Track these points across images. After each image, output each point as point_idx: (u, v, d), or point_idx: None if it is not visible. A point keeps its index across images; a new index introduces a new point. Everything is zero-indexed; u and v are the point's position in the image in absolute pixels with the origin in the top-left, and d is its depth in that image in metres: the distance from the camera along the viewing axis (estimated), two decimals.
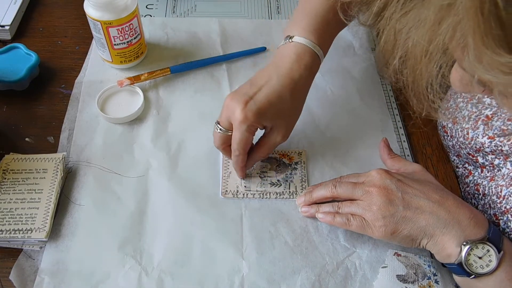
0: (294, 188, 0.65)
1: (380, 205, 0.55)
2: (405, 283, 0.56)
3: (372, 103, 0.75)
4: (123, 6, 0.69)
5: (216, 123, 0.61)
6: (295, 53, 0.61)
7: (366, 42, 0.83)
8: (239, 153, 0.60)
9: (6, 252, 0.58)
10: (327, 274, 0.58)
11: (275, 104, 0.59)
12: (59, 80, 0.76)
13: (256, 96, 0.58)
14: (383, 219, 0.54)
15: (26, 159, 0.65)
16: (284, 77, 0.60)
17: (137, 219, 0.61)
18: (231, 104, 0.58)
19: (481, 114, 0.61)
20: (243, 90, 0.59)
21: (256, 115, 0.57)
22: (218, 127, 0.61)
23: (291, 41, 0.62)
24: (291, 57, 0.61)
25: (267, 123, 0.60)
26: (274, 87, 0.59)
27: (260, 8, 0.89)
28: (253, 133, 0.60)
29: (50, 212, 0.60)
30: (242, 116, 0.57)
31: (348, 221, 0.57)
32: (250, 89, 0.59)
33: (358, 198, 0.57)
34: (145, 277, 0.57)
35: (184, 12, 0.87)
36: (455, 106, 0.66)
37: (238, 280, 0.57)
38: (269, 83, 0.59)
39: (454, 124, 0.66)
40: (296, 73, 0.61)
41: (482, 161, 0.63)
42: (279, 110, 0.60)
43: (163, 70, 0.75)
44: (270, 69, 0.61)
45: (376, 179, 0.57)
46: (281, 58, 0.62)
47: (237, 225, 0.61)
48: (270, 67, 0.62)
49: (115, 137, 0.69)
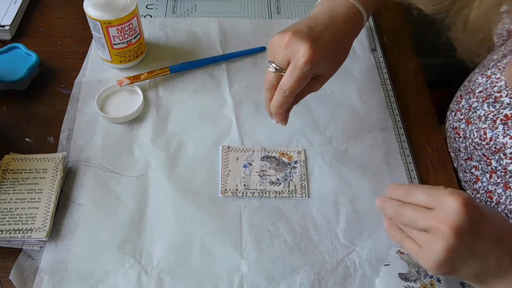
0: (294, 187, 0.65)
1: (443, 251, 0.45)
2: (407, 281, 0.56)
3: (372, 102, 0.75)
4: (123, 6, 0.69)
5: (269, 62, 0.57)
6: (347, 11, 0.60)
7: (366, 42, 0.83)
8: (289, 93, 0.56)
9: (6, 252, 0.58)
10: (326, 273, 0.58)
11: (335, 51, 0.57)
12: (59, 80, 0.76)
13: (320, 37, 0.55)
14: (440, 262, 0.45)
15: (26, 159, 0.65)
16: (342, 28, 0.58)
17: (136, 218, 0.61)
18: (292, 40, 0.54)
19: (499, 114, 0.59)
20: (302, 30, 0.55)
21: (321, 56, 0.54)
22: (273, 66, 0.56)
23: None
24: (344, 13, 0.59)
25: (323, 67, 0.58)
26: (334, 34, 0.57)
27: (260, 8, 0.89)
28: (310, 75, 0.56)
29: (50, 212, 0.60)
30: (309, 54, 0.53)
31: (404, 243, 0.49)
32: (310, 32, 0.55)
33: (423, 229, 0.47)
34: (144, 276, 0.57)
35: (184, 12, 0.88)
36: (468, 107, 0.65)
37: (238, 279, 0.57)
38: (327, 29, 0.57)
39: (468, 125, 0.64)
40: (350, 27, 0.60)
41: (495, 165, 0.60)
42: (335, 58, 0.58)
43: (162, 69, 0.75)
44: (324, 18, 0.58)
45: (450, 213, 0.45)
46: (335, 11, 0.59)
47: (236, 224, 0.61)
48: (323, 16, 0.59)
49: (114, 137, 0.69)
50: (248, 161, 0.67)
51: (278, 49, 0.56)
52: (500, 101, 0.60)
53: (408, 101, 0.76)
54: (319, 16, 0.59)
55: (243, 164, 0.67)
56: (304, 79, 0.55)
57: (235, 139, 0.70)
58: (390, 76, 0.79)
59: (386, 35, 0.86)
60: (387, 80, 0.79)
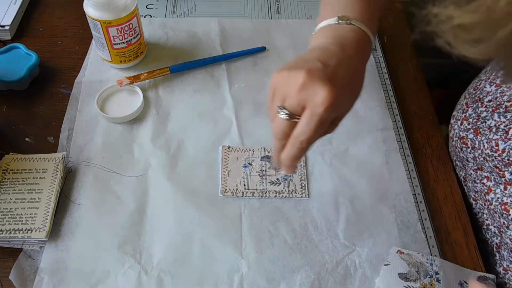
0: (294, 187, 0.65)
1: None
2: (407, 281, 0.56)
3: (372, 102, 0.75)
4: (123, 6, 0.69)
5: (280, 108, 0.48)
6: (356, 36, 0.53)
7: None
8: (306, 144, 0.48)
9: (6, 252, 0.58)
10: (326, 273, 0.58)
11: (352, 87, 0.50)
12: (59, 80, 0.76)
13: (337, 74, 0.48)
14: None
15: (26, 159, 0.65)
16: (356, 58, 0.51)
17: (136, 218, 0.61)
18: (309, 82, 0.46)
19: (511, 124, 0.57)
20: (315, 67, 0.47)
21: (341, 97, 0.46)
22: (284, 112, 0.48)
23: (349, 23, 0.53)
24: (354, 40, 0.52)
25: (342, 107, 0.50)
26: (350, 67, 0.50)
27: (260, 8, 0.89)
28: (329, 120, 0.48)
29: (50, 212, 0.60)
30: (330, 99, 0.45)
31: None
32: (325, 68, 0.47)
33: None
34: (144, 276, 0.57)
35: (184, 12, 0.88)
36: (476, 116, 0.62)
37: (238, 279, 0.57)
38: (342, 63, 0.49)
39: (477, 135, 0.61)
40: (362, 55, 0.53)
41: (509, 177, 0.58)
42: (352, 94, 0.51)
43: (162, 69, 0.75)
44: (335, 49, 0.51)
45: None
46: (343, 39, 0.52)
47: (236, 224, 0.61)
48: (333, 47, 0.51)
49: (114, 137, 0.69)
50: (248, 161, 0.67)
51: (289, 91, 0.47)
52: (511, 111, 0.58)
53: (408, 101, 0.76)
54: (328, 47, 0.51)
55: (243, 164, 0.67)
56: (323, 126, 0.47)
57: (235, 139, 0.70)
58: (390, 76, 0.79)
59: (386, 35, 0.86)
60: (387, 80, 0.79)
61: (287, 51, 0.81)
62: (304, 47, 0.81)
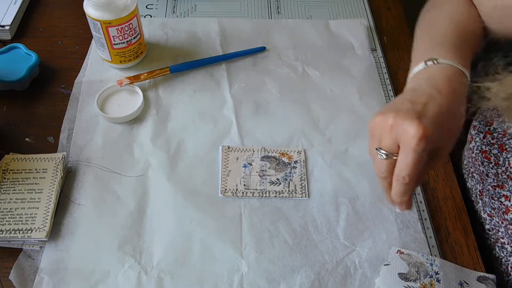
0: (294, 187, 0.65)
1: None
2: (407, 281, 0.56)
3: (372, 103, 0.75)
4: (123, 6, 0.69)
5: (377, 150, 0.51)
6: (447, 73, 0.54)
7: (366, 42, 0.83)
8: (410, 179, 0.49)
9: (6, 252, 0.58)
10: (326, 273, 0.58)
11: (445, 122, 0.50)
12: (59, 80, 0.76)
13: (426, 110, 0.49)
14: None
15: (26, 159, 0.65)
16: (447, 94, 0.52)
17: (136, 218, 0.61)
18: (398, 122, 0.48)
19: None
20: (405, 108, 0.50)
21: (433, 129, 0.48)
22: (382, 153, 0.50)
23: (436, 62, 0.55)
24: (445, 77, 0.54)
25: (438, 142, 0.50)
26: (441, 104, 0.50)
27: (260, 8, 0.89)
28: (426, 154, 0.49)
29: (50, 212, 0.60)
30: (421, 131, 0.47)
31: None
32: (414, 107, 0.50)
33: None
34: (144, 276, 0.57)
35: (184, 12, 0.88)
36: (501, 132, 0.60)
37: (238, 279, 0.57)
38: (432, 100, 0.51)
39: (503, 152, 0.59)
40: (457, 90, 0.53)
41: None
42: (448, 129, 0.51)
43: (162, 69, 0.75)
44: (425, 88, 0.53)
45: None
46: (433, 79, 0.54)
47: (236, 224, 0.61)
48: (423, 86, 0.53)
49: (114, 137, 0.69)
50: (248, 161, 0.67)
51: (383, 133, 0.50)
52: None
53: None
54: (419, 87, 0.53)
55: (243, 164, 0.67)
56: (421, 160, 0.49)
57: (235, 139, 0.70)
58: (390, 76, 0.79)
59: (386, 35, 0.86)
60: (387, 80, 0.79)
61: (287, 51, 0.81)
62: (304, 47, 0.82)
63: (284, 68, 0.79)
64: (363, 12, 0.89)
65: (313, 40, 0.83)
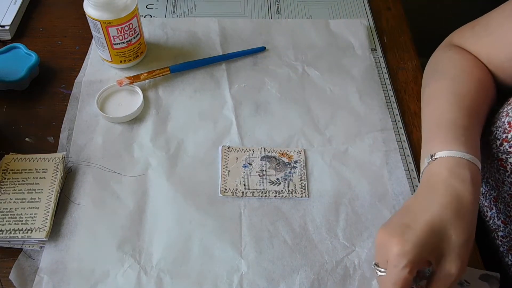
0: (294, 186, 0.65)
1: None
2: None
3: (372, 103, 0.75)
4: (123, 6, 0.69)
5: (374, 266, 0.52)
6: (445, 169, 0.52)
7: (366, 42, 0.83)
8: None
9: (6, 252, 0.58)
10: (326, 273, 0.58)
11: (438, 230, 0.48)
12: (59, 80, 0.76)
13: (413, 224, 0.48)
14: None
15: (26, 159, 0.65)
16: (442, 196, 0.50)
17: (136, 218, 0.61)
18: (384, 238, 0.49)
19: None
20: (396, 220, 0.51)
21: (416, 247, 0.47)
22: (378, 269, 0.51)
23: (434, 159, 0.54)
24: (441, 174, 0.52)
25: (431, 256, 0.48)
26: (434, 211, 0.49)
27: (260, 8, 0.89)
28: (414, 272, 0.47)
29: (50, 212, 0.60)
30: (398, 249, 0.47)
31: None
32: (405, 217, 0.50)
33: None
34: (144, 276, 0.57)
35: (184, 12, 0.88)
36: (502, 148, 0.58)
37: (237, 279, 0.57)
38: (426, 207, 0.50)
39: (506, 167, 0.58)
40: (456, 189, 0.50)
41: None
42: (446, 236, 0.48)
43: (162, 69, 0.75)
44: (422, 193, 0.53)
45: None
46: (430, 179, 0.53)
47: (236, 224, 0.61)
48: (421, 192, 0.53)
49: (114, 137, 0.69)
50: (248, 161, 0.67)
51: (378, 249, 0.51)
52: None
53: (408, 101, 0.76)
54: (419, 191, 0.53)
55: (243, 164, 0.67)
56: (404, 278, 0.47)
57: (235, 139, 0.70)
58: (390, 76, 0.79)
59: (386, 35, 0.86)
60: (387, 80, 0.79)
61: (287, 51, 0.81)
62: (304, 47, 0.82)
63: (284, 68, 0.79)
64: (363, 12, 0.89)
65: (313, 40, 0.83)
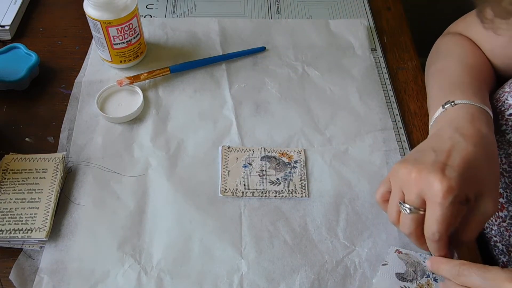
0: (294, 186, 0.65)
1: None
2: (404, 281, 0.56)
3: (372, 102, 0.75)
4: (123, 6, 0.69)
5: (401, 204, 0.50)
6: (467, 113, 0.53)
7: (366, 42, 0.83)
8: (440, 236, 0.47)
9: (6, 252, 0.58)
10: (326, 273, 0.58)
11: (475, 167, 0.48)
12: (59, 80, 0.76)
13: (450, 161, 0.48)
14: None
15: (26, 159, 0.65)
16: (472, 136, 0.50)
17: (136, 218, 0.61)
18: (421, 176, 0.47)
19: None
20: (428, 159, 0.49)
21: (460, 182, 0.46)
22: (406, 207, 0.49)
23: (453, 104, 0.55)
24: (466, 117, 0.53)
25: (471, 191, 0.48)
26: (466, 149, 0.49)
27: (260, 8, 0.89)
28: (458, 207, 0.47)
29: (50, 212, 0.60)
30: (445, 186, 0.45)
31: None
32: (438, 156, 0.49)
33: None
34: (144, 276, 0.57)
35: (184, 12, 0.88)
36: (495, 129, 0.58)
37: (237, 279, 0.57)
38: (457, 145, 0.49)
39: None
40: (482, 130, 0.51)
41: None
42: (481, 173, 0.49)
43: (162, 69, 0.75)
44: (447, 132, 0.52)
45: None
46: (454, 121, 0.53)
47: (236, 224, 0.61)
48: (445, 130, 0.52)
49: (114, 137, 0.69)
50: (248, 161, 0.67)
51: (406, 187, 0.49)
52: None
53: (408, 101, 0.76)
54: (442, 133, 0.52)
55: (243, 164, 0.67)
56: (451, 214, 0.47)
57: (235, 139, 0.70)
58: (390, 76, 0.79)
59: (386, 35, 0.86)
60: (387, 80, 0.79)
61: (287, 51, 0.81)
62: (304, 47, 0.82)
63: (284, 68, 0.79)
64: (363, 12, 0.89)
65: (313, 40, 0.83)
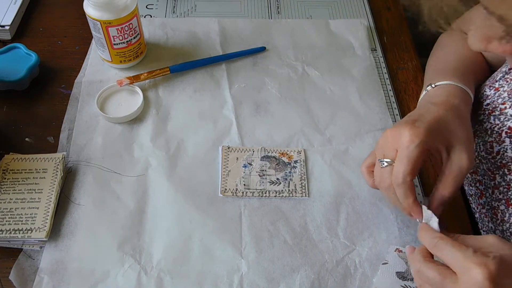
0: (294, 186, 0.65)
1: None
2: (404, 280, 0.56)
3: (372, 102, 0.75)
4: (123, 6, 0.69)
5: (378, 161, 0.55)
6: (444, 91, 0.59)
7: (366, 42, 0.83)
8: (403, 178, 0.51)
9: (6, 252, 0.58)
10: (326, 272, 0.58)
11: (445, 122, 0.54)
12: (59, 80, 0.76)
13: (420, 118, 0.53)
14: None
15: (26, 159, 0.65)
16: (444, 103, 0.56)
17: (136, 218, 0.61)
18: (394, 130, 0.53)
19: (503, 126, 0.58)
20: (402, 121, 0.55)
21: (427, 131, 0.51)
22: (383, 162, 0.54)
23: (434, 86, 0.60)
24: (442, 94, 0.58)
25: (441, 143, 0.53)
26: (437, 111, 0.55)
27: (260, 8, 0.89)
28: (424, 154, 0.52)
29: (50, 212, 0.60)
30: (411, 133, 0.51)
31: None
32: (411, 117, 0.55)
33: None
34: (144, 276, 0.57)
35: (184, 12, 0.88)
36: (474, 119, 0.63)
37: (237, 279, 0.57)
38: (428, 110, 0.55)
39: (475, 138, 0.62)
40: (455, 102, 0.57)
41: (498, 180, 0.59)
42: (451, 128, 0.54)
43: (162, 69, 0.75)
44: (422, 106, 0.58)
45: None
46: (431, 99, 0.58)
47: (236, 224, 0.61)
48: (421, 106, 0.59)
49: (114, 137, 0.69)
50: (248, 161, 0.67)
51: (384, 146, 0.54)
52: (504, 113, 0.59)
53: (408, 101, 0.76)
54: (419, 106, 0.59)
55: (243, 164, 0.67)
56: (416, 158, 0.51)
57: (235, 139, 0.70)
58: (390, 76, 0.79)
59: (386, 35, 0.86)
60: (387, 80, 0.79)
61: (287, 51, 0.81)
62: (304, 47, 0.82)
63: (284, 68, 0.79)
64: (363, 12, 0.89)
65: (313, 40, 0.83)
